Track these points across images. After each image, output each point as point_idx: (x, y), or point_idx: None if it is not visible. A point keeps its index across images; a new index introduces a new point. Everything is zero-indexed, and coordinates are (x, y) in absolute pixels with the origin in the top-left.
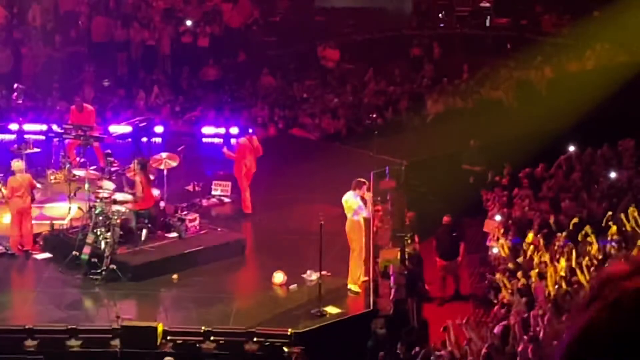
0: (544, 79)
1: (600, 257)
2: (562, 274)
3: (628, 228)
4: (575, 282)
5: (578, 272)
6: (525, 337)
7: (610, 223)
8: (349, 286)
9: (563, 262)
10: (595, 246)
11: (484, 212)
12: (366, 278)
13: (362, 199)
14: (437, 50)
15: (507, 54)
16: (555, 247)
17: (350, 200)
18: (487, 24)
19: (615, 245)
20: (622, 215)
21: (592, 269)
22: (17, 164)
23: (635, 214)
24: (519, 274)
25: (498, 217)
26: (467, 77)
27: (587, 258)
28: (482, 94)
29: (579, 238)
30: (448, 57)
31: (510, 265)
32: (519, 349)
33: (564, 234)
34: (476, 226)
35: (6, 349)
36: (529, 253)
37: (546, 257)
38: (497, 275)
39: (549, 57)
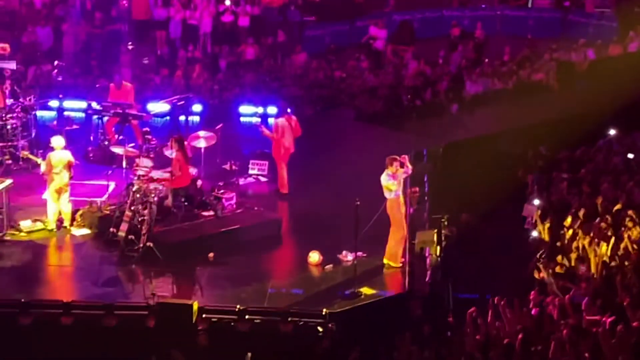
0: (586, 61)
1: None
2: (605, 258)
3: None
4: (615, 267)
5: (617, 257)
6: (562, 322)
7: None
8: (385, 262)
9: (604, 247)
10: (636, 231)
11: (522, 196)
12: (403, 259)
13: (395, 175)
14: (479, 31)
15: (549, 35)
16: (595, 232)
17: (384, 179)
18: (530, 4)
19: None
20: None
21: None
22: (57, 141)
23: None
24: (559, 257)
25: (537, 202)
26: (507, 59)
27: (627, 242)
28: (523, 76)
29: (619, 222)
30: (489, 38)
31: (548, 248)
32: (555, 334)
33: (605, 218)
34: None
35: (43, 323)
36: (567, 237)
37: (585, 242)
38: (536, 259)
39: (592, 39)
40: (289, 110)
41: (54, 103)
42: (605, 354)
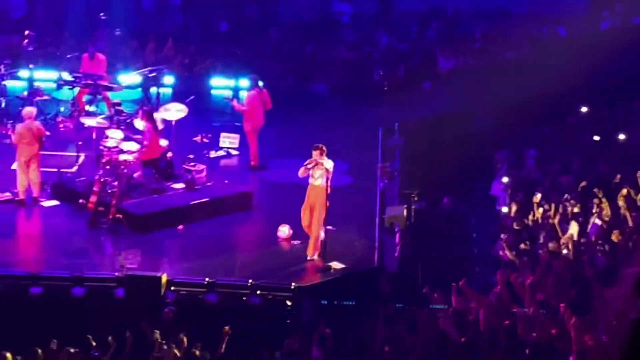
0: (557, 38)
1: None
2: (575, 237)
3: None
4: (585, 243)
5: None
6: (526, 300)
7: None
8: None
9: (575, 226)
10: (607, 208)
11: (492, 173)
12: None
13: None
14: (452, 7)
15: (521, 12)
16: (564, 209)
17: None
18: None
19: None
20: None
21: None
22: (27, 111)
23: None
24: (525, 234)
25: (505, 179)
26: (480, 36)
27: (595, 219)
28: (495, 53)
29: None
30: (462, 14)
31: (516, 226)
32: (522, 310)
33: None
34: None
35: (11, 295)
36: (537, 214)
37: (555, 220)
38: (503, 236)
39: (563, 17)
40: (260, 83)
41: (24, 73)
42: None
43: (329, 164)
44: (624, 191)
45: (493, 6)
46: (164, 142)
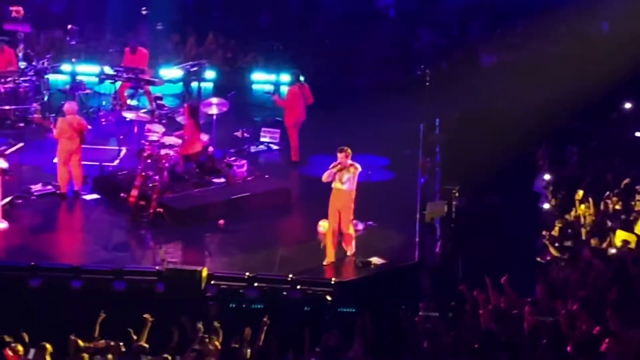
0: (601, 33)
1: None
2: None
3: None
4: (624, 240)
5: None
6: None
7: None
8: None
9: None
10: None
11: (534, 170)
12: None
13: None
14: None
15: (564, 7)
16: (606, 206)
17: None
18: None
19: None
20: None
21: None
22: (69, 105)
23: None
24: (569, 231)
25: (547, 176)
26: (522, 31)
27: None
28: (537, 48)
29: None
30: (504, 9)
31: (558, 223)
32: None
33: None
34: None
35: (53, 287)
36: (578, 211)
37: (597, 217)
38: (545, 233)
39: (607, 12)
40: (301, 78)
41: (66, 67)
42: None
43: (356, 166)
44: None
45: (539, 2)
46: (205, 137)
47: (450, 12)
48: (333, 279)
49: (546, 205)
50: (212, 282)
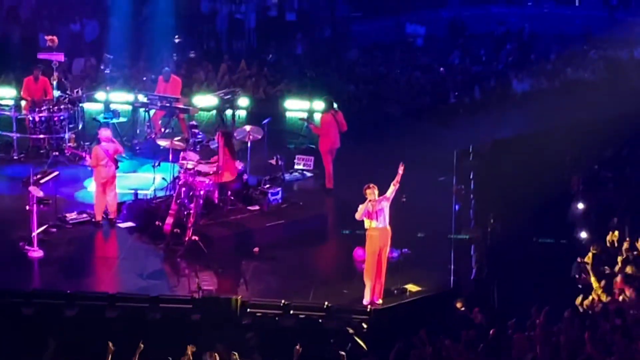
0: (633, 60)
1: None
2: None
3: None
4: None
5: None
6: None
7: None
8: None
9: None
10: None
11: (569, 196)
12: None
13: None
14: (526, 29)
15: (596, 33)
16: None
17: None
18: (577, 3)
19: None
20: None
21: None
22: (104, 133)
23: None
24: (603, 258)
25: (581, 205)
26: (554, 57)
27: None
28: (569, 74)
29: None
30: (536, 36)
31: (593, 249)
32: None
33: None
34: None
35: (88, 315)
36: (613, 237)
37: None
38: (580, 259)
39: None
40: (335, 105)
41: (101, 95)
42: None
43: (387, 197)
44: None
45: (575, 30)
46: (239, 164)
47: (482, 39)
48: (369, 306)
49: (582, 232)
50: (247, 310)
